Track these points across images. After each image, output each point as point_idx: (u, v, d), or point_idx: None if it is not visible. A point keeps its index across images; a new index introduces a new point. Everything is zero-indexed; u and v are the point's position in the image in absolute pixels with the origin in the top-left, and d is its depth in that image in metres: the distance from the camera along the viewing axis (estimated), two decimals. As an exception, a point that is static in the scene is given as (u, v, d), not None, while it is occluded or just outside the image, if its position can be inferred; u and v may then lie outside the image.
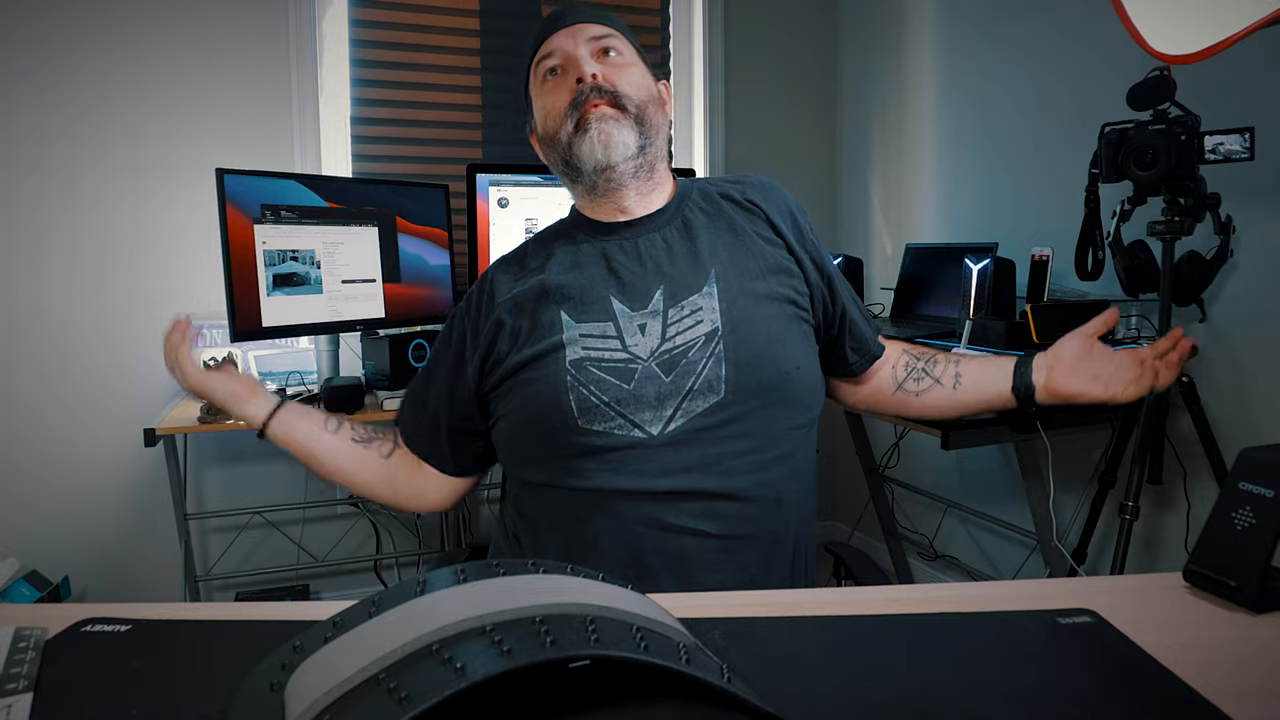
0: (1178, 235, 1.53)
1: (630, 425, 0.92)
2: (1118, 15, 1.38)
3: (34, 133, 2.13)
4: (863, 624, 0.70)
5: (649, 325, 0.95)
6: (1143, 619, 0.68)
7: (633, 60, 1.04)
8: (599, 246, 1.02)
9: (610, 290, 0.98)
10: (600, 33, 1.01)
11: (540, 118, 1.05)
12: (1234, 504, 0.73)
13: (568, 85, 1.00)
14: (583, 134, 0.98)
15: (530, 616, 0.50)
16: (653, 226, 1.02)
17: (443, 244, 2.29)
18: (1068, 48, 2.05)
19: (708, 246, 1.00)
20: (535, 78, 1.06)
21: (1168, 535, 1.86)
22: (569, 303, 0.97)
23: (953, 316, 2.10)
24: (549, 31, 1.03)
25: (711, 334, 0.94)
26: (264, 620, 0.71)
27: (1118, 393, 0.98)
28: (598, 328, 0.95)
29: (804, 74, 2.92)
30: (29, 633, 0.65)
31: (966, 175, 2.41)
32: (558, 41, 1.01)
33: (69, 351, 2.19)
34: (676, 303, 0.96)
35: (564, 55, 1.01)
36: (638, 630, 0.50)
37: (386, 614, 0.54)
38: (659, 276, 0.98)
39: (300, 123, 2.36)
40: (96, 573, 2.25)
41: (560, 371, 0.94)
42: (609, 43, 1.01)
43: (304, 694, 0.50)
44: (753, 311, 0.96)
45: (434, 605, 0.53)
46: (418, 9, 2.47)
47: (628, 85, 1.00)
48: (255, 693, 0.54)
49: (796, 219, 1.07)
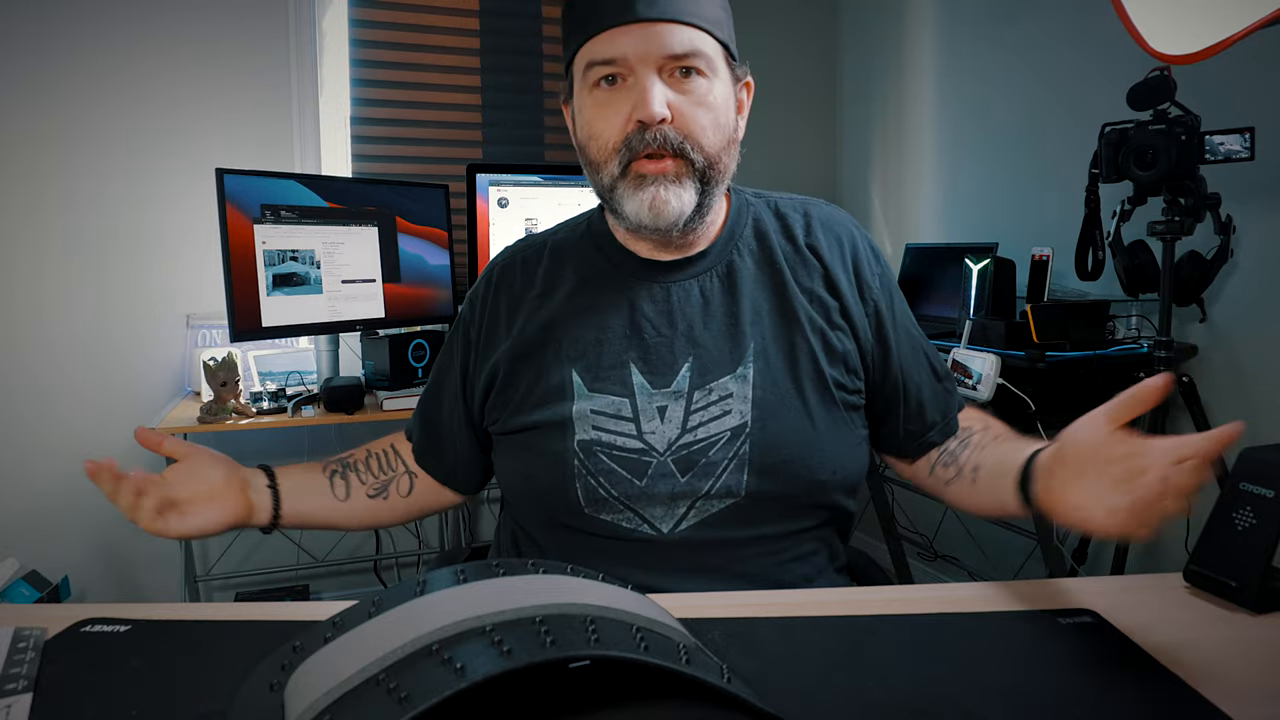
0: (1178, 235, 1.53)
1: (639, 520, 0.82)
2: (1118, 15, 1.38)
3: (33, 135, 2.12)
4: (863, 624, 0.70)
5: (669, 410, 0.83)
6: (1143, 619, 0.68)
7: (717, 78, 0.81)
8: (625, 290, 0.87)
9: (631, 355, 0.84)
10: (683, 49, 0.77)
11: (582, 128, 0.84)
12: (1234, 504, 0.73)
13: (624, 111, 0.78)
14: (631, 188, 0.80)
15: (530, 616, 0.50)
16: (692, 272, 0.87)
17: (443, 244, 2.29)
18: (1067, 48, 2.05)
19: (750, 309, 0.85)
20: (581, 78, 0.82)
21: (1168, 535, 1.86)
22: (582, 362, 0.85)
23: (953, 316, 2.10)
24: (613, 20, 0.77)
25: (738, 430, 0.82)
26: (264, 620, 0.71)
27: (1099, 529, 0.64)
28: (612, 404, 0.83)
29: (804, 74, 2.92)
30: (29, 633, 0.65)
31: (966, 175, 2.41)
32: (623, 45, 0.77)
33: (69, 352, 2.19)
34: (704, 384, 0.83)
35: (627, 67, 0.78)
36: (638, 630, 0.50)
37: (386, 614, 0.53)
38: (689, 345, 0.84)
39: (300, 123, 2.36)
40: (96, 573, 2.25)
41: (567, 454, 0.83)
42: (693, 62, 0.78)
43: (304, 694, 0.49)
44: (789, 403, 0.83)
45: (434, 605, 0.53)
46: (418, 9, 2.47)
47: (703, 129, 0.79)
48: (255, 693, 0.54)
49: (860, 268, 0.90)
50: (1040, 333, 1.71)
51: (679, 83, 0.79)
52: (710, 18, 0.80)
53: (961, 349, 1.81)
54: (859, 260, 0.90)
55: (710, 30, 0.80)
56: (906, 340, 0.92)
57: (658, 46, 0.77)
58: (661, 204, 0.79)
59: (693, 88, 0.79)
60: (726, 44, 0.82)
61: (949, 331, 2.00)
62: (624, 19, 0.77)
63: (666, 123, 0.78)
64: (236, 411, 1.89)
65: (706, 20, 0.79)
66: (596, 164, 0.83)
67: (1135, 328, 1.86)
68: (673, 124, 0.78)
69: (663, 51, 0.77)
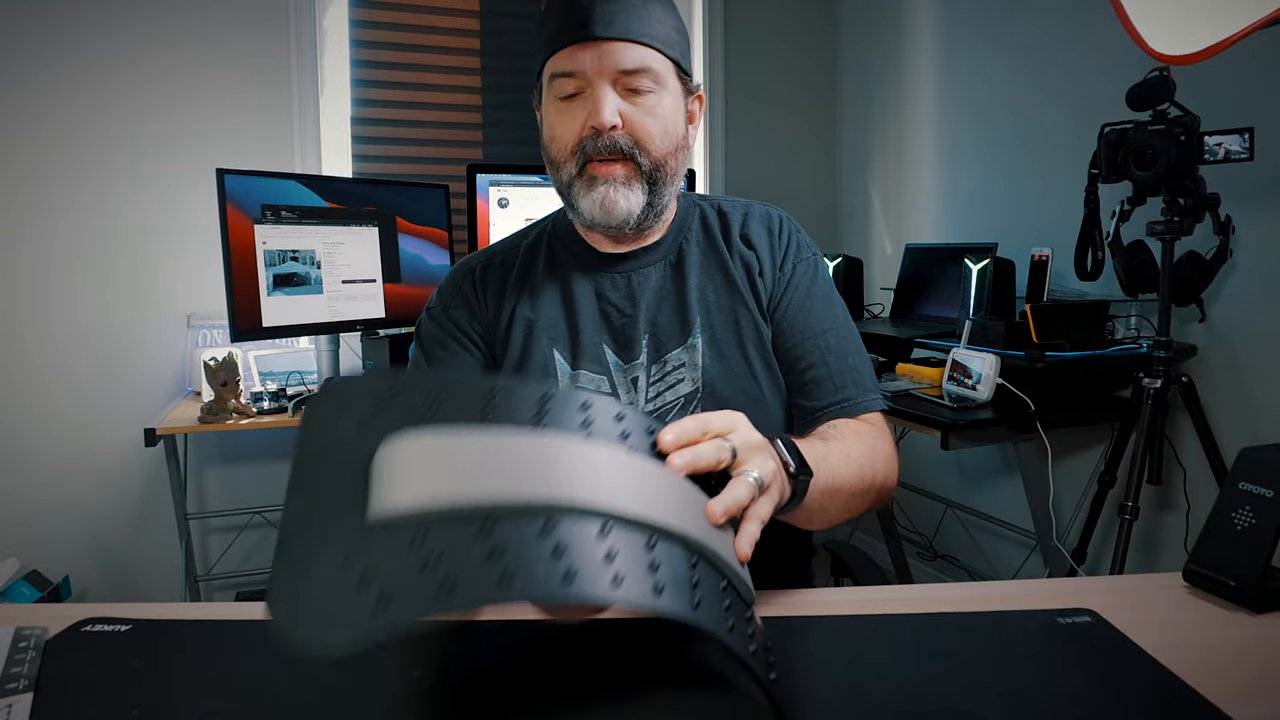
0: (1177, 235, 1.54)
1: None
2: (1117, 15, 1.38)
3: (36, 135, 2.13)
4: (863, 624, 0.70)
5: (640, 381, 0.93)
6: (1142, 619, 0.69)
7: (666, 91, 0.90)
8: (591, 281, 0.97)
9: (603, 337, 0.95)
10: (635, 65, 0.86)
11: (546, 130, 0.93)
12: (1234, 504, 0.73)
13: (580, 119, 0.88)
14: (585, 187, 0.89)
15: (685, 538, 0.50)
16: (648, 260, 0.97)
17: (443, 244, 2.29)
18: (1067, 48, 2.05)
19: (697, 289, 0.95)
20: (547, 86, 0.91)
21: (1168, 535, 1.86)
22: (561, 343, 0.94)
23: (953, 316, 2.10)
24: (573, 37, 0.87)
25: (691, 395, 0.92)
26: (264, 620, 0.71)
27: None
28: (593, 381, 0.93)
29: (804, 74, 2.92)
30: (29, 633, 0.65)
31: (966, 175, 2.41)
32: (581, 60, 0.86)
33: (70, 351, 2.19)
34: (660, 358, 0.93)
35: (585, 80, 0.87)
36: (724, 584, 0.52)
37: (507, 434, 0.50)
38: (647, 323, 0.94)
39: (300, 123, 2.36)
40: (96, 573, 2.25)
41: None
42: (640, 81, 0.87)
43: (398, 474, 0.47)
44: (736, 368, 0.93)
45: (568, 456, 0.50)
46: (418, 9, 2.47)
47: (650, 135, 0.88)
48: (342, 425, 0.51)
49: (779, 253, 0.98)
50: (1040, 333, 1.71)
51: (631, 95, 0.88)
52: (661, 38, 0.89)
53: (961, 349, 1.81)
54: (781, 247, 0.99)
55: (660, 48, 0.88)
56: (805, 321, 0.96)
57: (611, 62, 0.86)
58: (611, 204, 0.89)
59: (642, 100, 0.88)
60: (677, 61, 0.91)
61: (949, 331, 2.00)
62: (583, 36, 0.86)
63: (617, 129, 0.87)
64: (237, 411, 1.89)
65: (657, 40, 0.88)
66: (557, 163, 0.92)
67: (1135, 328, 1.86)
68: (624, 130, 0.88)
69: (615, 66, 0.86)
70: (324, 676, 0.61)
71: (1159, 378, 1.58)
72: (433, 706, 0.56)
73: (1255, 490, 0.72)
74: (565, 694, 0.58)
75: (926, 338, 2.01)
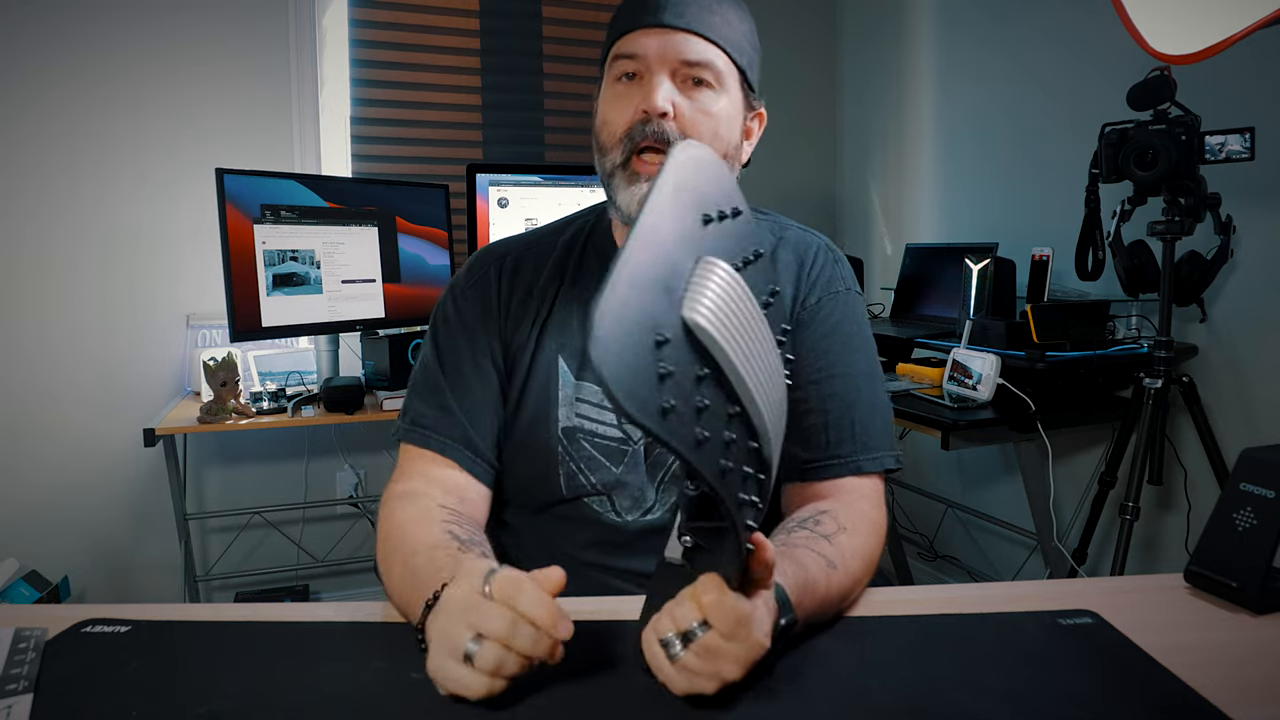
0: (1178, 235, 1.53)
1: (610, 508, 0.90)
2: (1118, 15, 1.38)
3: (38, 135, 2.13)
4: (863, 624, 0.70)
5: None
6: (1143, 619, 0.68)
7: (725, 93, 0.86)
8: None
9: None
10: (697, 57, 0.83)
11: (600, 115, 0.89)
12: (1235, 505, 0.73)
13: (634, 104, 0.84)
14: (626, 181, 0.85)
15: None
16: None
17: (443, 244, 2.29)
18: (1067, 49, 2.05)
19: None
20: (608, 69, 0.89)
21: (1168, 535, 1.86)
22: (568, 350, 0.90)
23: (953, 316, 2.10)
24: (642, 22, 0.84)
25: None
26: (264, 621, 0.71)
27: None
28: (596, 393, 0.89)
29: (804, 74, 2.92)
30: (29, 633, 0.65)
31: (966, 175, 2.41)
32: (645, 45, 0.83)
33: (69, 351, 2.19)
34: None
35: (645, 65, 0.84)
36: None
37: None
38: None
39: (300, 123, 2.36)
40: (96, 573, 2.25)
41: (551, 440, 0.89)
42: (702, 74, 0.84)
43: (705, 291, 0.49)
44: None
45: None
46: (418, 9, 2.47)
47: (700, 133, 0.84)
48: (687, 222, 0.52)
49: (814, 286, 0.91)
50: (1040, 333, 1.71)
51: (689, 89, 0.85)
52: (730, 40, 0.86)
53: (961, 349, 1.81)
54: (809, 281, 0.92)
55: (726, 49, 0.85)
56: (815, 362, 0.89)
57: (674, 51, 0.83)
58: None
59: (699, 95, 0.85)
60: (744, 70, 0.88)
61: (949, 331, 2.00)
62: (651, 22, 0.84)
63: (668, 118, 0.83)
64: (236, 411, 1.89)
65: (725, 40, 0.85)
66: (604, 149, 0.88)
67: (1135, 328, 1.86)
68: (674, 121, 0.83)
69: (678, 56, 0.83)
70: (324, 677, 0.61)
71: (1160, 378, 1.58)
72: (433, 706, 0.56)
73: (1257, 491, 0.72)
74: (565, 694, 0.58)
75: (927, 338, 2.01)
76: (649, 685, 0.57)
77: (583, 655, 0.63)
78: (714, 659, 0.54)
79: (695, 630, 0.55)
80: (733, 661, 0.55)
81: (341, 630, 0.69)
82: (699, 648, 0.54)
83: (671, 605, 0.57)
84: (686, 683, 0.55)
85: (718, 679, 0.55)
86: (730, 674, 0.55)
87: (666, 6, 0.83)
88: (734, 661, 0.55)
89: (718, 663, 0.55)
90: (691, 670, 0.55)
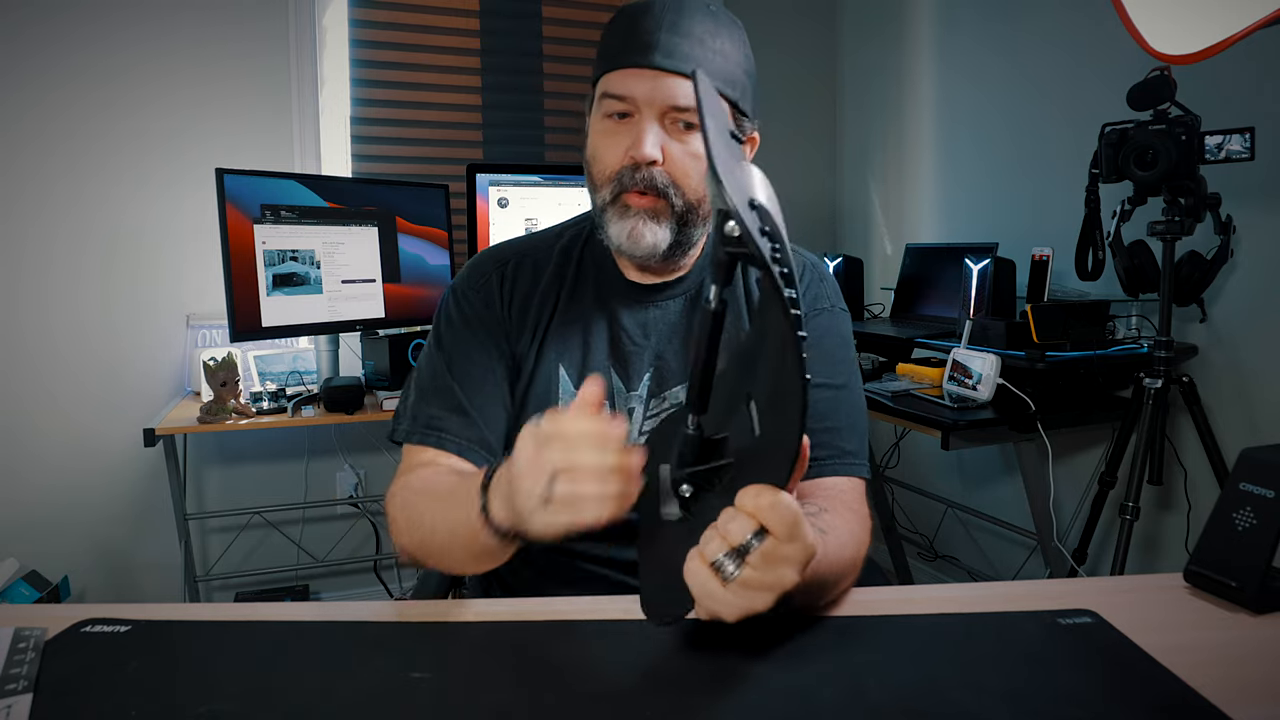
0: (1178, 235, 1.53)
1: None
2: (1118, 15, 1.38)
3: (39, 135, 2.13)
4: (863, 624, 0.70)
5: (635, 412, 0.92)
6: (1143, 619, 0.68)
7: None
8: (610, 304, 0.94)
9: (611, 361, 0.93)
10: (687, 103, 0.83)
11: (590, 147, 0.91)
12: (1235, 504, 0.73)
13: (623, 145, 0.86)
14: (617, 215, 0.87)
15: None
16: (670, 294, 0.95)
17: (443, 244, 2.29)
18: (1067, 49, 2.05)
19: None
20: (598, 101, 0.89)
21: (1168, 535, 1.86)
22: (568, 361, 0.93)
23: (953, 316, 2.10)
24: (632, 61, 0.84)
25: None
26: (264, 620, 0.71)
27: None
28: None
29: (804, 73, 2.92)
30: (29, 633, 0.65)
31: (966, 175, 2.41)
32: (634, 87, 0.83)
33: (70, 351, 2.19)
34: (660, 393, 0.92)
35: (634, 106, 0.85)
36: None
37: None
38: (653, 357, 0.93)
39: (300, 123, 2.36)
40: (96, 573, 2.25)
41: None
42: (693, 119, 0.84)
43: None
44: None
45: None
46: (418, 9, 2.47)
47: (688, 176, 0.86)
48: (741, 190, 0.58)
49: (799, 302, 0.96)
50: (1040, 333, 1.71)
51: (678, 132, 0.85)
52: (722, 74, 0.85)
53: (961, 349, 1.81)
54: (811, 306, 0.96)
55: (719, 88, 0.84)
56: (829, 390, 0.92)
57: (663, 96, 0.83)
58: (638, 236, 0.87)
59: (689, 139, 0.85)
60: (735, 102, 0.88)
61: (949, 331, 2.00)
62: (641, 63, 0.83)
63: (657, 165, 0.84)
64: (236, 411, 1.89)
65: (717, 78, 0.85)
66: (596, 183, 0.90)
67: (1135, 328, 1.86)
68: (664, 167, 0.85)
69: (667, 102, 0.83)
70: (324, 677, 0.61)
71: (1160, 378, 1.58)
72: (433, 706, 0.56)
73: (1256, 491, 0.72)
74: (565, 694, 0.58)
75: (927, 338, 2.01)
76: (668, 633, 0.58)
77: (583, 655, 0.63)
78: (775, 566, 0.55)
79: (751, 542, 0.54)
80: (792, 565, 0.55)
81: (341, 630, 0.69)
82: (759, 557, 0.54)
83: (719, 525, 0.56)
84: (746, 601, 0.55)
85: (778, 587, 0.55)
86: (789, 579, 0.55)
87: (657, 46, 0.82)
88: (793, 565, 0.55)
89: (779, 569, 0.55)
90: (751, 586, 0.55)
